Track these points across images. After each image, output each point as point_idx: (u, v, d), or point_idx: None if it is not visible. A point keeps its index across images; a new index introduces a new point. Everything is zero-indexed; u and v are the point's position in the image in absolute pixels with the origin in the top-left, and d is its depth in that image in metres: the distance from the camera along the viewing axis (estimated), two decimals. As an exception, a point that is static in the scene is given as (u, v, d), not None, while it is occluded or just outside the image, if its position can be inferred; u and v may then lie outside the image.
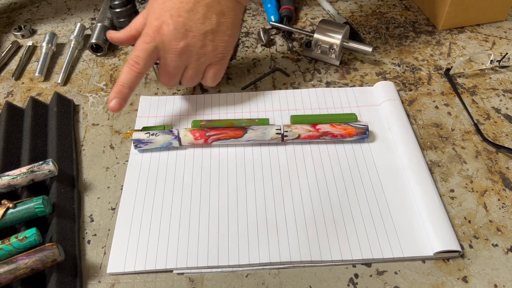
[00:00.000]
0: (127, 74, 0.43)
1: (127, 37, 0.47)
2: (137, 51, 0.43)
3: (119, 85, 0.43)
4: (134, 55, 0.43)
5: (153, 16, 0.43)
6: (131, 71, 0.43)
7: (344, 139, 0.47)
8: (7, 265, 0.34)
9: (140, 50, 0.43)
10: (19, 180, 0.41)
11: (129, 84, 0.43)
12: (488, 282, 0.37)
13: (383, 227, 0.40)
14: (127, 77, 0.43)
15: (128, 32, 0.47)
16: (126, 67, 0.43)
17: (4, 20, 0.68)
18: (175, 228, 0.40)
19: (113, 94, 0.43)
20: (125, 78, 0.43)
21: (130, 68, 0.43)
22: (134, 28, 0.47)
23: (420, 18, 0.66)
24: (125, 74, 0.43)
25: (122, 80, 0.43)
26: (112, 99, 0.43)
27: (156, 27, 0.43)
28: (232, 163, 0.46)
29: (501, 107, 0.52)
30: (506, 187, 0.44)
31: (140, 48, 0.43)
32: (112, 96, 0.43)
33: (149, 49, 0.43)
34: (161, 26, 0.43)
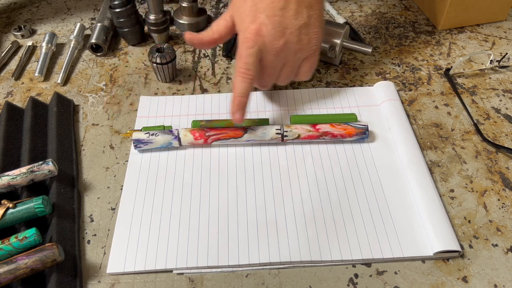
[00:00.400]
0: (242, 83, 0.43)
1: (209, 41, 0.47)
2: (245, 58, 0.42)
3: (238, 97, 0.43)
4: (244, 62, 0.42)
5: (248, 20, 0.43)
6: (245, 80, 0.43)
7: (344, 139, 0.47)
8: (7, 265, 0.34)
9: (248, 56, 0.42)
10: (19, 180, 0.41)
11: (245, 92, 0.43)
12: (488, 282, 0.37)
13: (383, 227, 0.40)
14: (243, 86, 0.43)
15: (211, 36, 0.46)
16: (238, 77, 0.43)
17: (4, 20, 0.68)
18: (175, 228, 0.40)
19: (235, 107, 0.43)
20: (241, 88, 0.43)
21: (243, 77, 0.42)
22: (217, 32, 0.46)
23: (420, 18, 0.66)
24: (240, 84, 0.43)
25: (239, 90, 0.43)
26: (235, 112, 0.43)
27: (255, 30, 0.42)
28: (232, 163, 0.46)
29: (501, 107, 0.52)
30: (506, 187, 0.44)
31: (247, 55, 0.42)
32: (235, 109, 0.43)
33: (255, 53, 0.42)
34: (260, 28, 0.42)
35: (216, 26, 0.47)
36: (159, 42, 0.61)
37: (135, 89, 0.55)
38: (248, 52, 0.42)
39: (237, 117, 0.43)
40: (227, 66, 0.58)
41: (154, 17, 0.59)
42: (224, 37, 0.47)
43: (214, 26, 0.47)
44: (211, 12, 0.69)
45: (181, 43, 0.62)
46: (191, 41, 0.47)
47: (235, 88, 0.43)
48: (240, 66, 0.42)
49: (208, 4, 0.71)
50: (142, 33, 0.62)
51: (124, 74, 0.57)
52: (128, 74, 0.57)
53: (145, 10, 0.64)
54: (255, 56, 0.42)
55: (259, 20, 0.42)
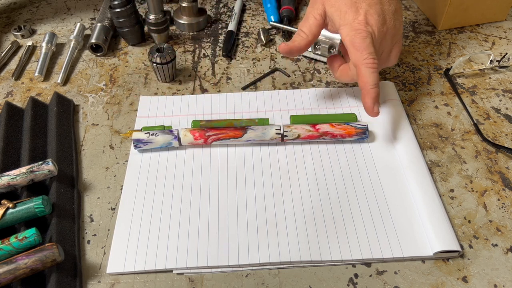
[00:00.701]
0: (374, 73, 0.42)
1: (307, 44, 0.47)
2: (367, 49, 0.42)
3: (373, 89, 0.42)
4: (368, 53, 0.42)
5: (351, 11, 0.43)
6: (374, 69, 0.42)
7: (344, 139, 0.47)
8: (7, 265, 0.34)
9: (369, 46, 0.42)
10: (19, 180, 0.41)
11: (378, 82, 0.42)
12: (488, 282, 0.37)
13: (383, 227, 0.40)
14: (374, 76, 0.42)
15: (307, 39, 0.46)
16: (368, 68, 0.42)
17: (4, 20, 0.68)
18: (175, 228, 0.40)
19: (373, 100, 0.42)
20: (373, 79, 0.42)
21: (372, 68, 0.42)
22: (311, 33, 0.46)
23: (420, 18, 0.66)
24: (372, 75, 0.42)
25: (373, 82, 0.42)
26: (374, 105, 0.42)
27: (364, 20, 0.43)
28: (232, 163, 0.46)
29: (501, 107, 0.52)
30: (505, 187, 0.44)
31: (367, 45, 0.42)
32: (371, 103, 0.42)
33: (371, 42, 0.43)
34: (366, 17, 0.43)
35: (307, 27, 0.46)
36: (159, 42, 0.61)
37: (135, 89, 0.55)
38: (367, 42, 0.42)
39: (377, 110, 0.43)
40: (227, 66, 0.58)
41: (154, 17, 0.59)
42: (316, 36, 0.47)
43: (305, 28, 0.46)
44: (211, 12, 0.69)
45: (181, 43, 0.63)
46: (290, 52, 0.47)
47: (367, 82, 0.42)
48: (366, 57, 0.42)
49: (208, 4, 0.71)
50: (142, 33, 0.62)
51: (124, 74, 0.57)
52: (128, 74, 0.57)
53: (145, 10, 0.64)
54: (372, 44, 0.43)
55: (363, 10, 0.43)
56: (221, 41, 0.63)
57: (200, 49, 0.61)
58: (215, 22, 0.67)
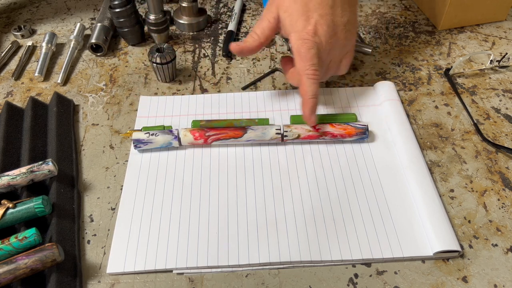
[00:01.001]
0: (312, 85, 0.43)
1: (258, 46, 0.47)
2: (310, 60, 0.43)
3: (310, 99, 0.43)
4: (309, 64, 0.43)
5: (302, 20, 0.43)
6: (314, 81, 0.43)
7: (344, 139, 0.47)
8: (7, 265, 0.34)
9: (312, 58, 0.43)
10: (19, 180, 0.41)
11: (317, 93, 0.43)
12: (488, 282, 0.37)
13: (383, 227, 0.40)
14: (314, 87, 0.43)
15: (259, 41, 0.47)
16: (308, 79, 0.43)
17: (4, 20, 0.68)
18: (175, 228, 0.40)
19: (310, 110, 0.44)
20: (312, 90, 0.43)
21: (313, 79, 0.43)
22: (263, 35, 0.46)
23: (420, 18, 0.66)
24: (310, 86, 0.43)
25: (311, 93, 0.43)
26: (311, 115, 0.44)
27: (312, 30, 0.43)
28: (232, 163, 0.46)
29: (501, 107, 0.52)
30: (505, 187, 0.44)
31: (311, 56, 0.43)
32: (309, 112, 0.44)
33: (316, 53, 0.43)
34: (316, 28, 0.43)
35: (260, 29, 0.46)
36: (159, 42, 0.61)
37: (135, 89, 0.55)
38: (312, 53, 0.43)
39: (313, 120, 0.44)
40: (227, 66, 0.58)
41: (154, 17, 0.59)
42: (269, 38, 0.47)
43: (258, 30, 0.47)
44: (211, 12, 0.69)
45: (181, 43, 0.63)
46: (240, 52, 0.48)
47: (307, 91, 0.43)
48: (307, 68, 0.43)
49: (208, 4, 0.71)
50: (142, 33, 0.62)
51: (124, 74, 0.57)
52: (128, 74, 0.57)
53: (145, 10, 0.64)
54: (317, 55, 0.43)
55: (314, 20, 0.43)
56: (221, 41, 0.63)
57: (200, 49, 0.61)
58: (215, 22, 0.67)
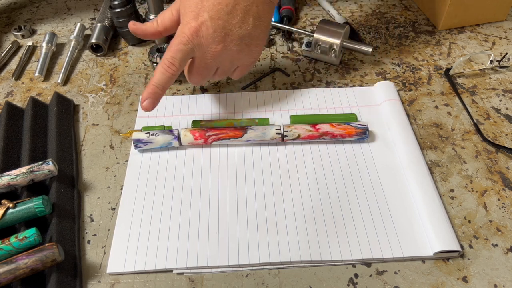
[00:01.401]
0: (162, 75, 0.42)
1: (153, 32, 0.46)
2: (173, 52, 0.41)
3: (153, 86, 0.42)
4: (170, 56, 0.41)
5: (191, 15, 0.41)
6: (166, 72, 0.42)
7: (344, 139, 0.47)
8: (7, 265, 0.34)
9: (177, 52, 0.41)
10: (19, 180, 0.41)
11: (162, 85, 0.42)
12: (488, 282, 0.37)
13: (383, 227, 0.40)
14: (162, 78, 0.42)
15: (155, 28, 0.45)
16: (160, 67, 0.42)
17: (4, 20, 0.68)
18: (175, 228, 0.40)
19: (146, 94, 0.42)
20: (159, 78, 0.42)
21: (165, 69, 0.42)
22: (161, 24, 0.45)
23: (420, 18, 0.66)
24: (159, 74, 0.42)
25: (156, 80, 0.42)
26: (145, 99, 0.42)
27: (195, 28, 0.41)
28: (232, 163, 0.46)
29: (501, 107, 0.52)
30: (506, 187, 0.44)
31: (177, 49, 0.41)
32: (145, 96, 0.42)
33: (186, 51, 0.41)
34: (200, 27, 0.41)
35: (161, 18, 0.45)
36: (159, 42, 0.61)
37: (135, 89, 0.55)
38: (179, 48, 0.41)
39: (146, 105, 0.42)
40: (227, 66, 0.58)
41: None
42: (169, 30, 0.45)
43: (159, 18, 0.45)
44: (211, 12, 0.69)
45: (181, 43, 0.62)
46: (134, 32, 0.46)
47: (154, 77, 0.42)
48: (166, 58, 0.41)
49: (208, 4, 0.71)
50: (142, 33, 0.62)
51: (124, 74, 0.57)
52: (128, 74, 0.57)
53: (145, 10, 0.64)
54: (185, 53, 0.42)
55: (201, 19, 0.41)
56: (221, 41, 0.63)
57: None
58: (215, 22, 0.67)
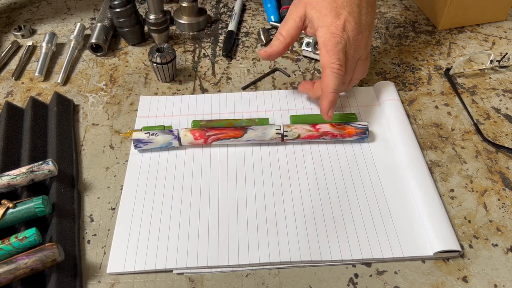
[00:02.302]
0: (336, 79, 0.42)
1: (285, 47, 0.47)
2: (337, 54, 0.42)
3: (332, 93, 0.43)
4: (336, 58, 0.42)
5: (331, 16, 0.43)
6: (339, 75, 0.42)
7: (344, 139, 0.47)
8: (7, 265, 0.34)
9: (339, 52, 0.42)
10: (19, 180, 0.41)
11: (338, 87, 0.43)
12: (488, 282, 0.37)
13: (383, 227, 0.40)
14: (337, 82, 0.43)
15: (284, 42, 0.46)
16: (332, 72, 0.42)
17: (4, 20, 0.68)
18: (175, 228, 0.40)
19: (329, 105, 0.43)
20: (335, 83, 0.43)
21: (337, 73, 0.42)
22: (288, 36, 0.46)
23: (420, 18, 0.66)
24: (334, 79, 0.42)
25: (333, 86, 0.42)
26: (329, 110, 0.43)
27: (341, 25, 0.43)
28: (232, 163, 0.46)
29: (501, 107, 0.52)
30: (506, 187, 0.44)
31: (338, 50, 0.42)
32: (327, 106, 0.43)
33: (343, 48, 0.43)
34: (344, 24, 0.43)
35: (285, 30, 0.46)
36: (159, 42, 0.61)
37: (135, 89, 0.55)
38: (339, 48, 0.42)
39: (330, 115, 0.44)
40: (227, 66, 0.58)
41: (154, 17, 0.59)
42: (295, 38, 0.47)
43: (283, 31, 0.46)
44: (211, 12, 0.69)
45: (181, 43, 0.63)
46: (269, 57, 0.48)
47: (328, 84, 0.42)
48: (333, 61, 0.42)
49: (208, 4, 0.71)
50: (142, 33, 0.62)
51: (124, 74, 0.57)
52: (128, 74, 0.57)
53: (145, 10, 0.64)
54: (344, 51, 0.43)
55: (343, 16, 0.43)
56: (221, 41, 0.63)
57: (200, 49, 0.61)
58: (215, 22, 0.67)
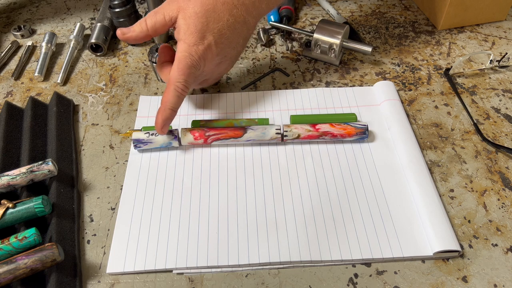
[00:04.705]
0: (176, 98, 0.43)
1: (144, 37, 0.46)
2: (186, 76, 0.43)
3: (169, 110, 0.43)
4: (184, 80, 0.42)
5: (196, 36, 0.42)
6: (180, 96, 0.43)
7: (344, 139, 0.47)
8: (7, 265, 0.34)
9: (189, 75, 0.43)
10: (19, 180, 0.41)
11: (177, 107, 0.44)
12: (488, 282, 0.37)
13: (383, 227, 0.40)
14: (176, 101, 0.43)
15: (146, 32, 0.45)
16: (174, 91, 0.43)
17: (4, 20, 0.68)
18: (175, 228, 0.40)
19: (162, 120, 0.43)
20: (174, 102, 0.43)
21: (180, 93, 0.43)
22: (152, 27, 0.44)
23: (420, 18, 0.66)
24: (174, 98, 0.43)
25: (171, 104, 0.43)
26: (162, 126, 0.44)
27: (203, 51, 0.43)
28: (231, 163, 0.46)
29: (501, 107, 0.52)
30: (505, 187, 0.44)
31: (189, 73, 0.43)
32: (162, 122, 0.43)
33: (196, 73, 0.43)
34: (206, 51, 0.43)
35: (152, 22, 0.44)
36: (158, 42, 0.61)
37: (135, 89, 0.55)
38: (191, 71, 0.43)
39: (165, 131, 0.44)
40: (227, 66, 0.58)
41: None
42: (158, 33, 0.45)
43: (150, 22, 0.44)
44: (211, 12, 0.69)
45: (181, 43, 0.62)
46: (126, 40, 0.46)
47: (169, 101, 0.43)
48: (179, 81, 0.42)
49: (208, 4, 0.71)
50: (142, 33, 0.62)
51: (123, 74, 0.57)
52: (128, 74, 0.57)
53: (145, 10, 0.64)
54: (195, 75, 0.44)
55: (207, 42, 0.43)
56: (221, 41, 0.63)
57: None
58: (215, 22, 0.67)
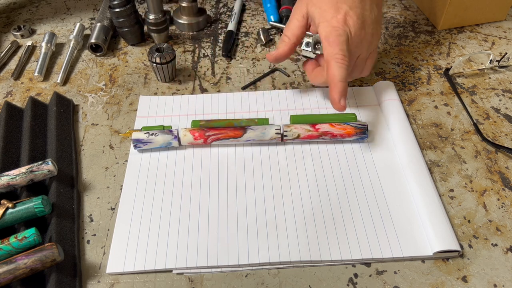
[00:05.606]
0: (342, 69, 0.43)
1: (291, 48, 0.48)
2: (340, 45, 0.43)
3: (339, 82, 0.43)
4: (339, 49, 0.43)
5: (331, 11, 0.44)
6: (343, 65, 0.43)
7: (344, 139, 0.47)
8: (7, 265, 0.34)
9: (342, 43, 0.43)
10: (19, 180, 0.41)
11: (345, 77, 0.43)
12: (488, 281, 0.37)
13: (383, 227, 0.40)
14: (343, 72, 0.43)
15: (289, 43, 0.47)
16: (336, 63, 0.43)
17: (4, 20, 0.68)
18: (175, 228, 0.40)
19: (339, 94, 0.43)
20: (340, 73, 0.43)
21: (341, 63, 0.43)
22: (293, 36, 0.47)
23: (420, 18, 0.66)
24: (339, 69, 0.43)
25: (338, 76, 0.43)
26: (340, 99, 0.43)
27: (342, 19, 0.44)
28: (231, 163, 0.46)
29: (501, 107, 0.52)
30: (505, 187, 0.44)
31: (341, 41, 0.43)
32: (338, 96, 0.43)
33: (346, 40, 0.44)
34: (345, 17, 0.44)
35: (289, 31, 0.47)
36: (158, 42, 0.61)
37: (134, 89, 0.55)
38: (341, 39, 0.43)
39: (343, 104, 0.44)
40: (226, 66, 0.58)
41: (154, 17, 0.59)
42: (300, 37, 0.48)
43: (288, 32, 0.47)
44: (210, 12, 0.69)
45: (180, 43, 0.62)
46: (276, 60, 0.49)
47: (335, 75, 0.43)
48: (336, 52, 0.43)
49: (208, 4, 0.71)
50: (141, 33, 0.62)
51: (123, 74, 0.57)
52: (128, 74, 0.57)
53: (144, 10, 0.64)
54: (347, 42, 0.44)
55: (343, 10, 0.44)
56: (221, 41, 0.63)
57: (199, 49, 0.61)
58: (215, 22, 0.67)
